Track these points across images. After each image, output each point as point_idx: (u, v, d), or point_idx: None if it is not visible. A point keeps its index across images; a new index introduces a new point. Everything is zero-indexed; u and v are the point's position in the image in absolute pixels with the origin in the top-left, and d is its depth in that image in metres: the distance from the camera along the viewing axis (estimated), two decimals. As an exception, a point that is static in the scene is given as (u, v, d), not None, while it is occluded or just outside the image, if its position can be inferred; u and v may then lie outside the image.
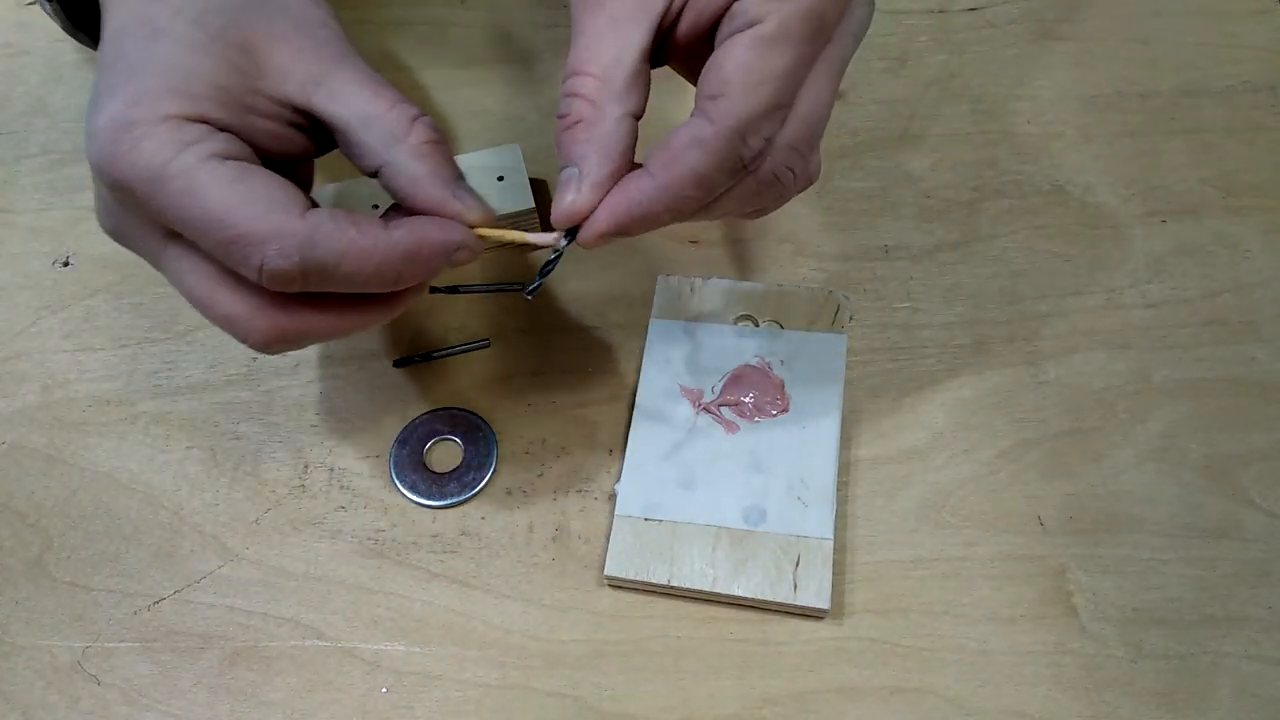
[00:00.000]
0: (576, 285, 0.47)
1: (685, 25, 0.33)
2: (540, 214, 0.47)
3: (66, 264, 0.49)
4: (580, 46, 0.33)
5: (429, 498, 0.43)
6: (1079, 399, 0.44)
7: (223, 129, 0.31)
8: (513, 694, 0.39)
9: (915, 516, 0.42)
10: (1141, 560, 0.41)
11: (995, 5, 0.56)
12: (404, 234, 0.32)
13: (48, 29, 0.56)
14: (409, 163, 0.33)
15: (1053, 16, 0.55)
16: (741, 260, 0.48)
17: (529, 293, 0.36)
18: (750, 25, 0.32)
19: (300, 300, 0.32)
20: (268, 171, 0.31)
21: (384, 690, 0.39)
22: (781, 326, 0.45)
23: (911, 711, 0.38)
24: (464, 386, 0.45)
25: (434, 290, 0.46)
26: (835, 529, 0.40)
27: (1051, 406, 0.44)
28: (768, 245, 0.48)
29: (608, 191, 0.33)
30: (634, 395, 0.44)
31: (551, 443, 0.44)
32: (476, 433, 0.44)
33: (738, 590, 0.39)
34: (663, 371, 0.44)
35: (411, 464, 0.43)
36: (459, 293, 0.46)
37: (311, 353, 0.46)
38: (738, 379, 0.44)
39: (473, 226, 0.33)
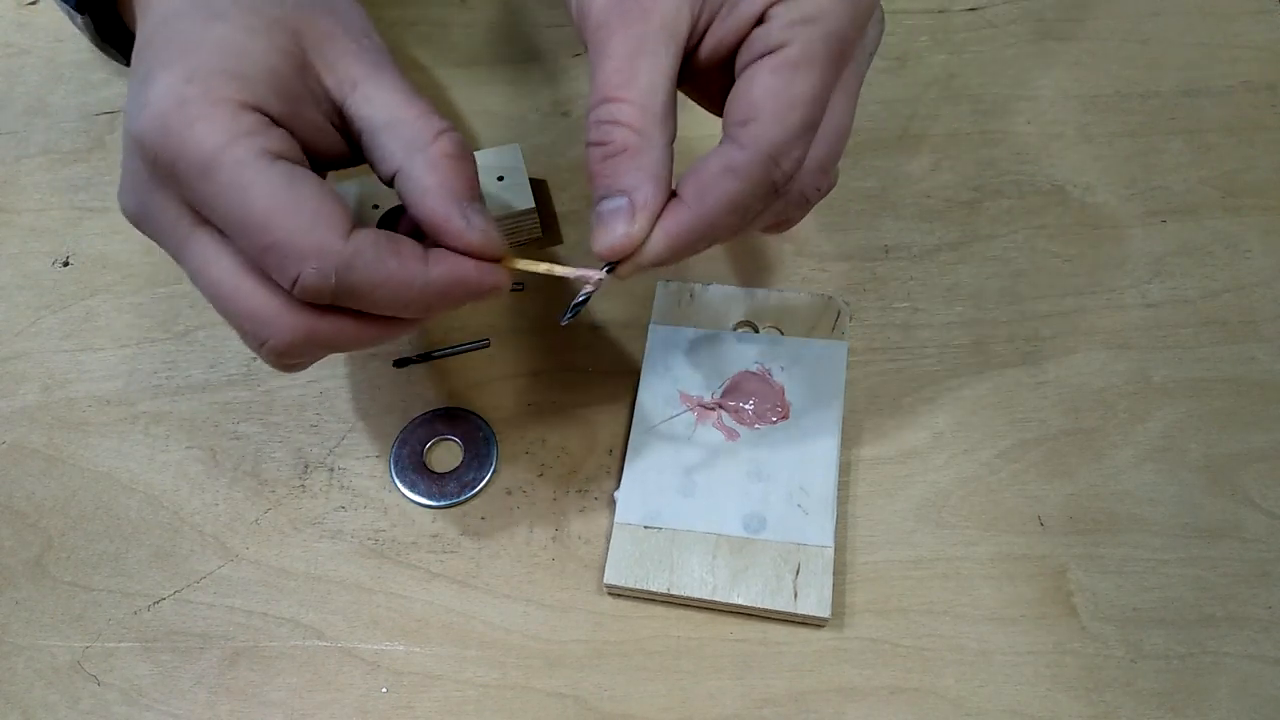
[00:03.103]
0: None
1: (706, 50, 0.33)
2: (540, 214, 0.47)
3: (66, 264, 0.49)
4: (609, 71, 0.32)
5: (429, 498, 0.43)
6: (1079, 399, 0.44)
7: (275, 120, 0.31)
8: (513, 694, 0.39)
9: (915, 516, 0.42)
10: (1141, 560, 0.41)
11: (995, 5, 0.56)
12: (442, 272, 0.31)
13: (48, 29, 0.56)
14: (422, 173, 0.32)
15: (1053, 16, 0.55)
16: (741, 262, 0.48)
17: (564, 322, 0.35)
18: (772, 51, 0.31)
19: (328, 307, 0.32)
20: (318, 180, 0.31)
21: (384, 690, 0.39)
22: (781, 333, 0.45)
23: (911, 711, 0.38)
24: (464, 386, 0.45)
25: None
26: (835, 535, 0.40)
27: (1051, 406, 0.44)
28: (768, 246, 0.48)
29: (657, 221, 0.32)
30: (634, 395, 0.44)
31: (551, 443, 0.44)
32: (476, 433, 0.44)
33: (737, 598, 0.39)
34: (662, 378, 0.44)
35: (411, 464, 0.43)
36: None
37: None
38: (737, 386, 0.44)
39: (475, 253, 0.32)
